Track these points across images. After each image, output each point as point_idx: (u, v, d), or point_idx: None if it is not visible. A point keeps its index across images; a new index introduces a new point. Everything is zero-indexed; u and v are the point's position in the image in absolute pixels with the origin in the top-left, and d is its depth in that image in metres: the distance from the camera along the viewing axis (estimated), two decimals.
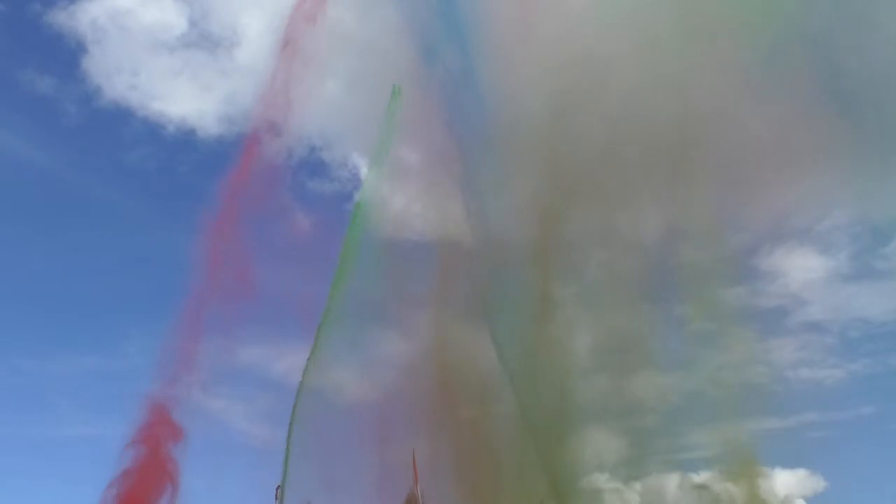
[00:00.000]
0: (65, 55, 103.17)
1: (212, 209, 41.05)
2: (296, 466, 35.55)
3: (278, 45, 44.45)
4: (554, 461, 37.79)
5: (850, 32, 42.49)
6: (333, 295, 38.91)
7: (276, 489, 34.99)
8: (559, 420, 38.79)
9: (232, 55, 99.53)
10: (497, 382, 41.63)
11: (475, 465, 39.65)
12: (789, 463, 39.31)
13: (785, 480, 39.25)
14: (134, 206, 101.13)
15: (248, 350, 38.05)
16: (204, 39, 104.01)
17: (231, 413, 44.81)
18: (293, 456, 35.66)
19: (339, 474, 35.87)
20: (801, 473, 39.01)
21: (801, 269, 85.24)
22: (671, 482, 39.75)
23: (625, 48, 44.26)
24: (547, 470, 37.64)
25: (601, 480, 39.90)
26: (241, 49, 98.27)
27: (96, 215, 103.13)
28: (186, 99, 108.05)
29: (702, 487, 39.10)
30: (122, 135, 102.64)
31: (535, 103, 42.29)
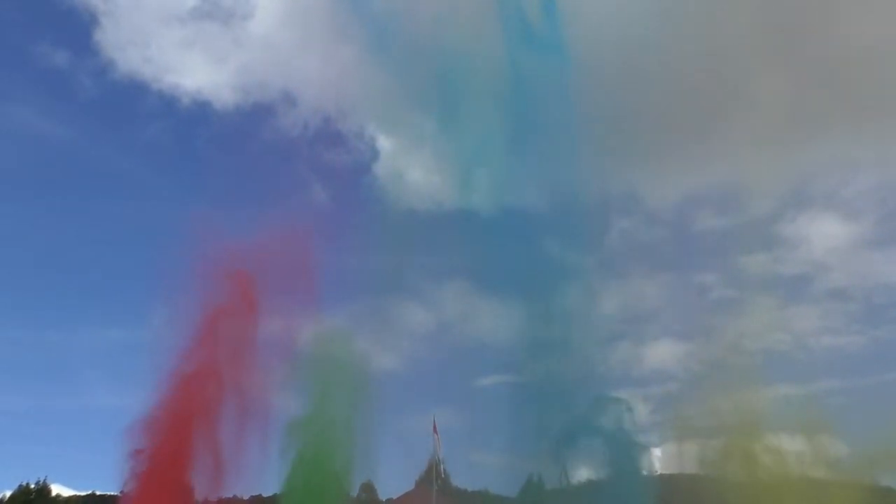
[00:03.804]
0: (77, 28, 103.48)
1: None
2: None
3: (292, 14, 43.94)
4: (576, 428, 37.97)
5: None
6: None
7: None
8: (580, 388, 38.82)
9: (245, 25, 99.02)
10: (517, 351, 41.80)
11: (496, 432, 40.01)
12: (810, 429, 39.05)
13: (805, 446, 39.01)
14: (152, 179, 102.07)
15: (266, 321, 38.18)
16: (216, 9, 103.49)
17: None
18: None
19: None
20: (822, 439, 38.74)
21: (824, 235, 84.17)
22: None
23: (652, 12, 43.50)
24: (568, 438, 37.84)
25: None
26: (254, 19, 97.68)
27: (116, 189, 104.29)
28: (200, 71, 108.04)
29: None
30: (137, 109, 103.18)
31: (556, 71, 41.70)
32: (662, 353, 50.68)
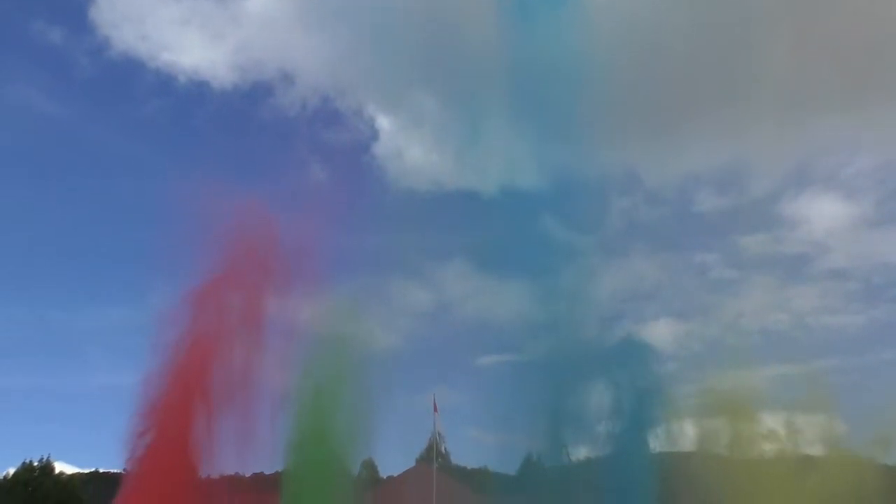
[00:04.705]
0: (72, 5, 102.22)
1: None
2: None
3: None
4: (574, 408, 38.27)
5: None
6: None
7: None
8: (579, 367, 39.04)
9: (242, 3, 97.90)
10: (517, 330, 41.99)
11: (496, 411, 40.28)
12: (808, 407, 39.45)
13: (803, 424, 39.44)
14: (150, 159, 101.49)
15: (269, 297, 38.22)
16: None
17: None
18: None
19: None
20: (819, 417, 39.16)
21: (825, 215, 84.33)
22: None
23: None
24: (567, 417, 38.13)
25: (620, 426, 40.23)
26: None
27: (114, 168, 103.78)
28: (197, 49, 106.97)
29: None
30: (134, 87, 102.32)
31: (556, 50, 41.41)
32: (661, 332, 50.92)
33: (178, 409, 31.72)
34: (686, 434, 39.87)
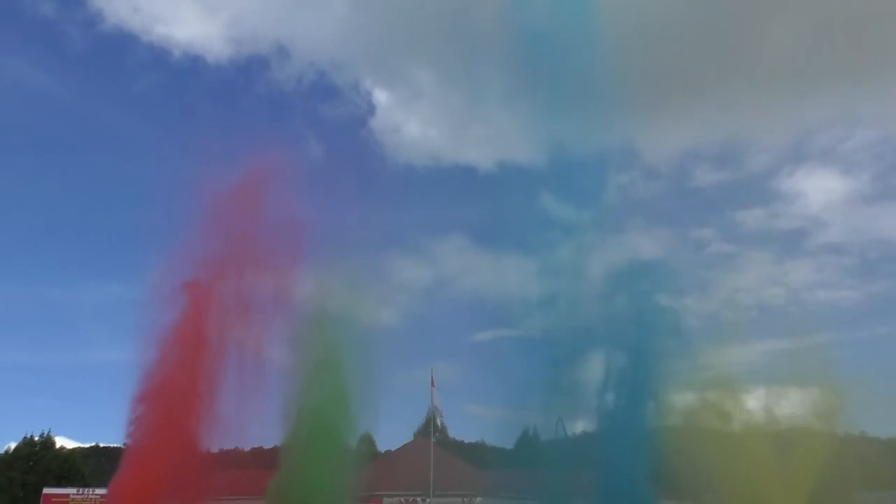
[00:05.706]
0: None
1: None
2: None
3: None
4: (571, 383, 38.52)
5: None
6: None
7: None
8: (575, 342, 39.25)
9: None
10: (515, 306, 42.12)
11: (493, 386, 40.59)
12: (803, 382, 39.85)
13: (798, 398, 39.87)
14: (144, 134, 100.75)
15: (264, 276, 38.31)
16: None
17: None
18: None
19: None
20: (814, 392, 39.58)
21: (821, 190, 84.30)
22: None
23: None
24: (564, 391, 38.40)
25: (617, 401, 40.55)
26: None
27: (108, 144, 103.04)
28: (191, 22, 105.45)
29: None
30: (127, 61, 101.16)
31: (553, 24, 41.01)
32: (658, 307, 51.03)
33: (178, 384, 31.88)
34: (681, 409, 40.24)
